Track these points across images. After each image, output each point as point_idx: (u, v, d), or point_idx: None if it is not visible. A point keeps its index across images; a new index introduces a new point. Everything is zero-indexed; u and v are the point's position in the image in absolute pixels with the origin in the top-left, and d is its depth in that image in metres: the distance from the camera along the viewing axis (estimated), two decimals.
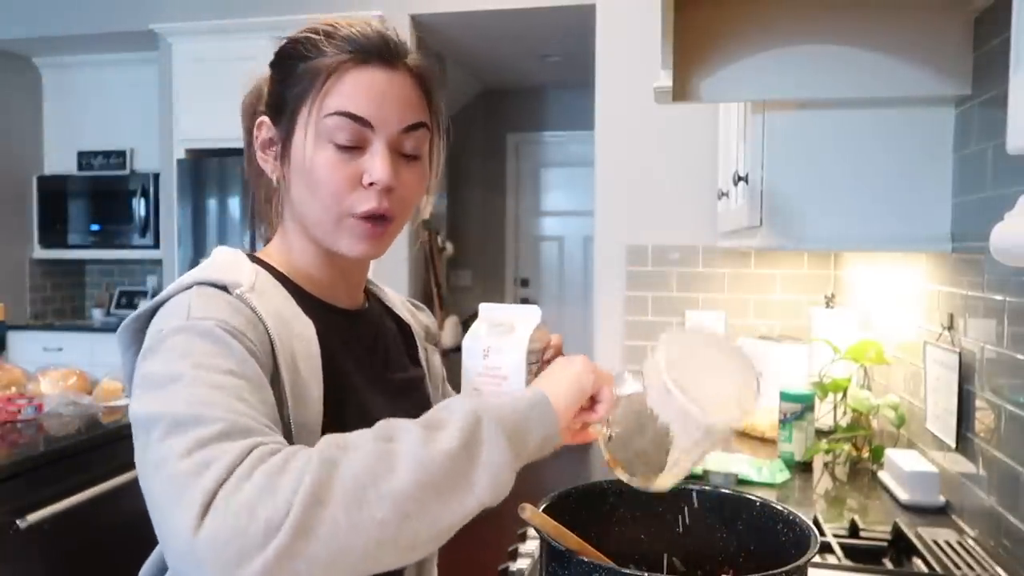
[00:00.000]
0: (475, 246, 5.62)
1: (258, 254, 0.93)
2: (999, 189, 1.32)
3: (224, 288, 0.79)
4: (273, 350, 0.77)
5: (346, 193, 0.83)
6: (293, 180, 0.85)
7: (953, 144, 1.53)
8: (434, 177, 0.93)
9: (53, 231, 4.57)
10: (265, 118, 0.88)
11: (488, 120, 5.63)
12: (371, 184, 0.82)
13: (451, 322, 4.38)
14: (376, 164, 0.82)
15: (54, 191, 4.54)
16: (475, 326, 0.91)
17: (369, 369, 0.92)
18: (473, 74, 5.05)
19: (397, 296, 1.10)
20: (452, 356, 4.20)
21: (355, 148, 0.82)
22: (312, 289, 0.90)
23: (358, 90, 0.82)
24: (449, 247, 4.76)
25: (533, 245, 5.67)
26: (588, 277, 5.25)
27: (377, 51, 0.84)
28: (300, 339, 0.81)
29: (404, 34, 0.77)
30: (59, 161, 4.64)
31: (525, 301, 5.64)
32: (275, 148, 0.87)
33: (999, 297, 1.30)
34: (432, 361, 1.07)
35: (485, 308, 0.93)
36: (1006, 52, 0.75)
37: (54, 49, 4.31)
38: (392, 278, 3.72)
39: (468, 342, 0.90)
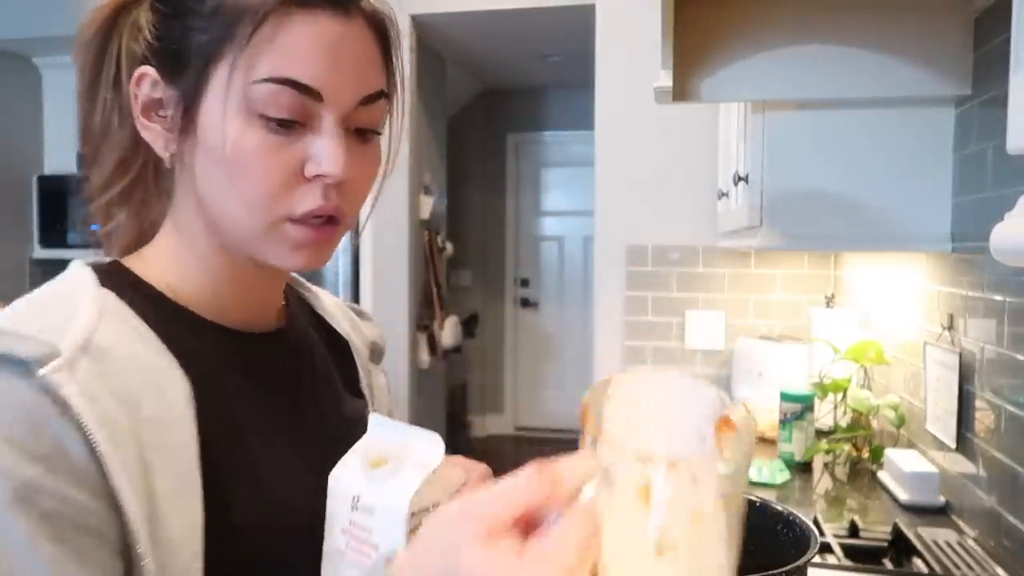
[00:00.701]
0: (475, 246, 5.62)
1: (129, 261, 0.66)
2: (999, 189, 1.32)
3: (25, 364, 0.51)
4: (103, 469, 0.51)
5: (283, 189, 0.60)
6: (200, 164, 0.61)
7: (953, 144, 1.53)
8: (391, 162, 0.69)
9: (53, 231, 4.57)
10: (150, 70, 0.62)
11: (488, 120, 5.63)
12: (317, 176, 0.60)
13: (451, 322, 4.38)
14: (326, 150, 0.60)
15: (54, 191, 4.54)
16: (351, 452, 0.62)
17: (283, 417, 0.68)
18: (473, 74, 5.05)
19: (335, 302, 0.85)
20: (451, 357, 4.23)
21: (294, 124, 0.59)
22: (204, 308, 0.66)
23: (304, 47, 0.58)
24: (449, 247, 4.75)
25: (533, 245, 5.67)
26: (588, 277, 5.25)
27: None
28: (158, 423, 0.55)
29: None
30: (59, 161, 4.64)
31: (525, 301, 5.64)
32: (168, 115, 0.62)
33: (999, 297, 1.30)
34: (376, 385, 0.83)
35: (375, 423, 0.64)
36: (1006, 52, 0.75)
37: (54, 49, 4.31)
38: (392, 278, 3.72)
39: (336, 475, 0.61)
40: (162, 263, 0.66)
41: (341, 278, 3.75)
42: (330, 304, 0.84)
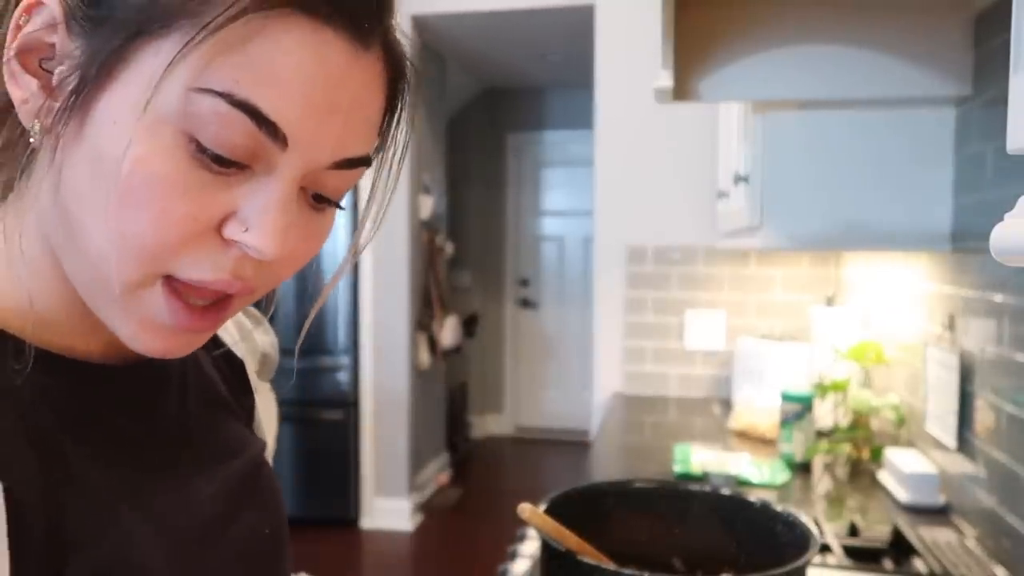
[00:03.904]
0: (475, 246, 5.62)
1: None
2: (999, 189, 1.32)
3: None
4: None
5: (183, 243, 0.41)
6: (76, 165, 0.40)
7: (953, 144, 1.53)
8: (367, 237, 0.51)
9: None
10: (57, 9, 0.41)
11: (488, 120, 5.63)
12: (237, 242, 0.42)
13: (451, 322, 4.38)
14: (264, 217, 0.41)
15: None
16: None
17: (165, 487, 0.49)
18: (473, 74, 5.05)
19: None
20: (451, 357, 4.26)
21: (233, 165, 0.41)
22: (36, 333, 0.45)
23: (288, 68, 0.39)
24: (449, 247, 4.75)
25: (533, 245, 5.67)
26: (588, 277, 5.25)
27: (348, 4, 0.41)
28: None
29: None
30: None
31: (525, 301, 5.65)
32: (56, 74, 0.41)
33: (999, 297, 1.30)
34: (262, 409, 0.64)
35: None
36: (1006, 52, 0.75)
37: None
38: (392, 278, 3.72)
39: None
40: None
41: (340, 278, 3.75)
42: None
